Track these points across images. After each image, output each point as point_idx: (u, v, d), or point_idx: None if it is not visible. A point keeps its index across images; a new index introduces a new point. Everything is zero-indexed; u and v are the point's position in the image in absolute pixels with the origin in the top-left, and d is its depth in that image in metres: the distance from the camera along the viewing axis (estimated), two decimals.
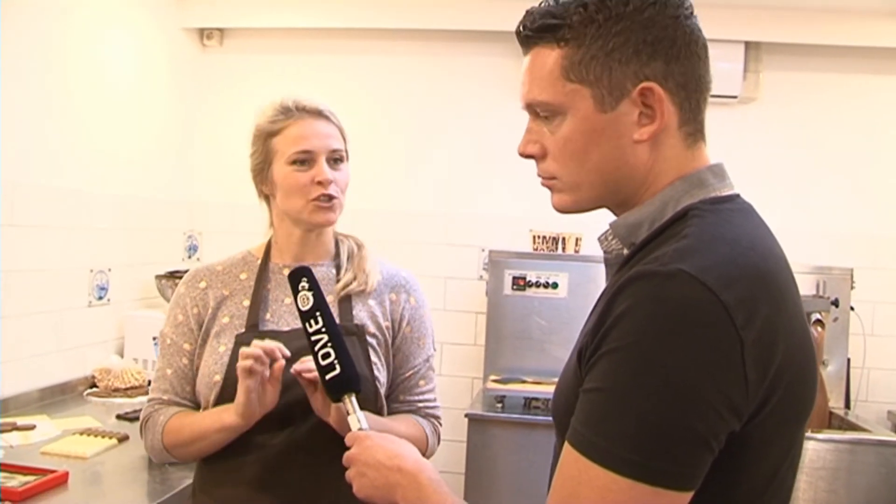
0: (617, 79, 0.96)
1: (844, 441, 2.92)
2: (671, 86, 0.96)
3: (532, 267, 3.51)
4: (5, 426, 2.50)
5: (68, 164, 3.08)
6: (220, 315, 1.64)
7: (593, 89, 0.97)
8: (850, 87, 3.68)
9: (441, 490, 1.09)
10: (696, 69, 0.98)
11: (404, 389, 1.71)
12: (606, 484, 0.82)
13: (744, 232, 0.94)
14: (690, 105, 0.98)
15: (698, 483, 0.84)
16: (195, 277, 1.69)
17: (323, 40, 3.94)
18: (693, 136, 0.99)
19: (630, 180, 0.99)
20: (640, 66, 0.95)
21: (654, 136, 0.96)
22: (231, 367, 1.55)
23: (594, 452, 0.83)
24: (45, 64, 2.94)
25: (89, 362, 3.20)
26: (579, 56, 0.97)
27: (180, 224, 3.95)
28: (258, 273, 1.67)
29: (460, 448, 3.24)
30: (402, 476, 1.12)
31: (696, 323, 0.82)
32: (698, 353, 0.81)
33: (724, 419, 0.82)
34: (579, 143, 0.99)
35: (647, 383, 0.81)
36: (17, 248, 2.82)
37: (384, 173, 3.92)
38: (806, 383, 0.93)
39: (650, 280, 0.85)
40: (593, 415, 0.85)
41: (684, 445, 0.81)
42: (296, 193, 1.60)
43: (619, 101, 0.96)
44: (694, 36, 0.98)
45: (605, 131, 0.97)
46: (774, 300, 0.88)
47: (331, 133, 1.63)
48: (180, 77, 3.90)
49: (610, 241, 1.04)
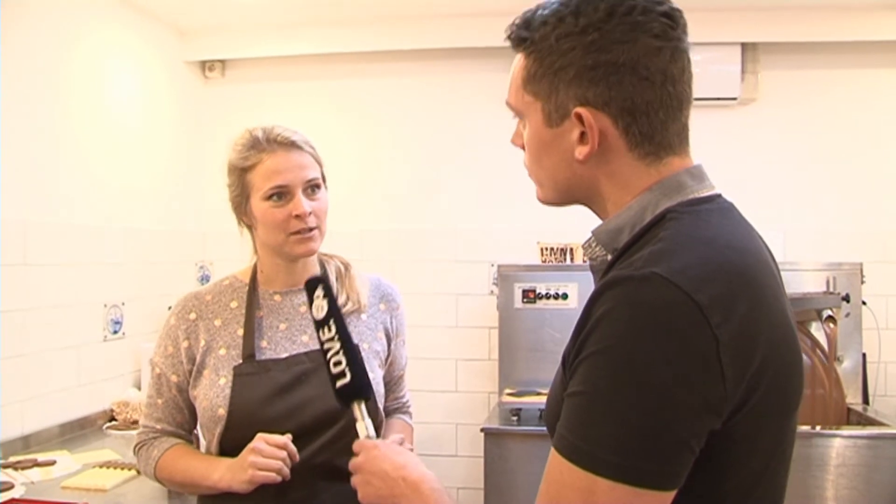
0: (561, 99, 0.97)
1: (864, 437, 2.90)
2: (614, 110, 0.96)
3: (541, 279, 3.51)
4: (26, 463, 2.53)
5: (77, 200, 3.12)
6: (214, 346, 1.63)
7: (543, 104, 1.00)
8: (850, 82, 3.69)
9: (442, 499, 1.12)
10: (647, 94, 0.95)
11: (393, 389, 1.81)
12: (588, 486, 0.83)
13: (721, 231, 0.94)
14: (640, 129, 0.96)
15: (680, 482, 0.84)
16: (185, 308, 1.67)
17: (324, 66, 3.98)
18: (655, 155, 0.98)
19: (586, 190, 1.02)
20: (581, 89, 0.96)
21: (588, 158, 0.97)
22: (234, 400, 1.57)
23: (576, 455, 0.85)
24: (50, 102, 2.99)
25: (107, 396, 3.23)
26: (534, 70, 0.99)
27: (191, 254, 3.98)
28: (247, 300, 1.66)
29: (478, 463, 3.24)
30: (406, 486, 1.15)
31: (669, 325, 0.83)
32: (673, 355, 0.82)
33: (701, 419, 0.83)
34: (534, 149, 1.04)
35: (624, 386, 0.83)
36: (32, 287, 2.86)
37: (391, 194, 3.95)
38: (791, 378, 0.93)
39: (625, 284, 0.86)
40: (575, 419, 0.86)
41: (663, 445, 0.82)
42: (275, 228, 1.60)
43: (563, 119, 0.98)
44: (646, 60, 0.95)
45: (551, 144, 1.01)
46: (753, 297, 0.88)
47: (304, 163, 1.60)
48: (184, 109, 3.95)
49: (594, 248, 1.05)
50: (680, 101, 0.98)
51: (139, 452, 1.67)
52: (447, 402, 3.89)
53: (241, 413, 1.56)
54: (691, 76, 1.00)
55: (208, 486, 1.54)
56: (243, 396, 1.57)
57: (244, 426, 1.55)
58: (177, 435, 1.67)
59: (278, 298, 1.67)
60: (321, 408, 1.55)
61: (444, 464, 3.83)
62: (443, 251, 3.91)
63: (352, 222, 3.85)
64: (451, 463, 3.84)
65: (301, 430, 1.55)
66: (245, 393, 1.57)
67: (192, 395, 1.63)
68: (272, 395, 1.57)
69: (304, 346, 1.63)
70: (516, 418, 3.21)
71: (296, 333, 1.65)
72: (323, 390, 1.53)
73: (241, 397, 1.57)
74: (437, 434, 3.86)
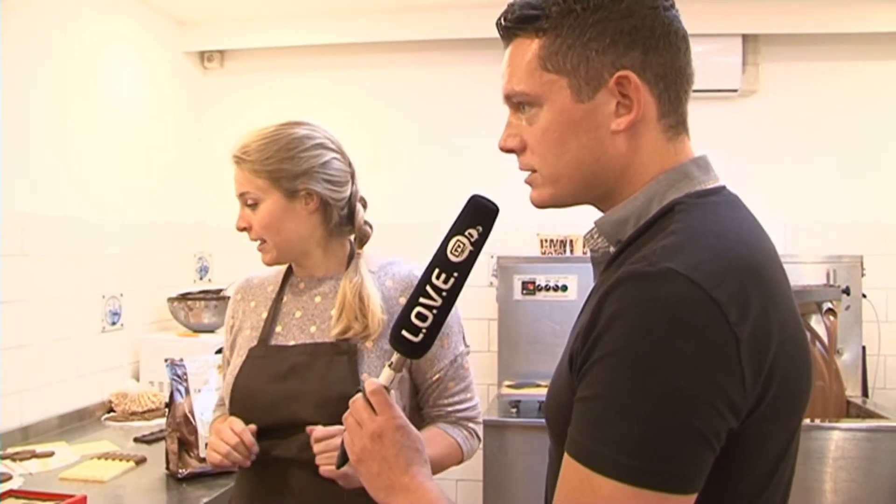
0: (594, 68, 0.94)
1: (863, 430, 2.90)
2: (649, 76, 0.95)
3: (541, 271, 3.51)
4: (24, 454, 2.52)
5: (76, 191, 3.11)
6: (244, 327, 1.72)
7: (570, 79, 0.96)
8: (851, 74, 3.67)
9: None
10: (676, 61, 0.96)
11: (435, 394, 1.65)
12: (611, 493, 0.80)
13: (731, 225, 0.92)
14: (670, 97, 0.96)
15: (701, 484, 0.82)
16: (237, 290, 1.79)
17: (323, 57, 3.97)
18: (674, 129, 0.98)
19: (609, 172, 0.97)
20: (617, 55, 0.94)
21: (631, 126, 0.95)
22: (237, 382, 1.63)
23: (596, 462, 0.81)
24: (49, 93, 2.98)
25: (106, 387, 3.23)
26: (556, 46, 0.96)
27: (190, 246, 3.98)
28: (281, 286, 1.73)
29: (477, 455, 3.23)
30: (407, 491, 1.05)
31: (689, 322, 0.80)
32: (694, 353, 0.79)
33: (723, 417, 0.81)
34: (557, 135, 0.97)
35: (644, 387, 0.80)
36: (31, 278, 2.85)
37: (389, 185, 3.93)
38: (800, 375, 0.91)
39: (640, 281, 0.83)
40: (591, 423, 0.83)
41: (686, 447, 0.80)
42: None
43: (597, 90, 0.95)
44: (673, 27, 0.96)
45: (582, 122, 0.96)
46: (766, 294, 0.86)
47: (241, 180, 1.65)
48: (183, 100, 3.94)
49: (596, 239, 1.03)
50: (691, 77, 0.99)
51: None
52: None
53: (240, 396, 1.61)
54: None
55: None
56: (245, 380, 1.62)
57: (242, 408, 1.60)
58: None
59: (302, 286, 1.71)
60: (310, 401, 1.54)
61: None
62: None
63: None
64: None
65: (287, 420, 1.55)
66: (247, 377, 1.62)
67: None
68: (268, 382, 1.59)
69: (311, 337, 1.63)
70: (516, 410, 3.21)
71: (307, 323, 1.65)
72: (312, 385, 1.55)
73: (243, 380, 1.62)
74: None
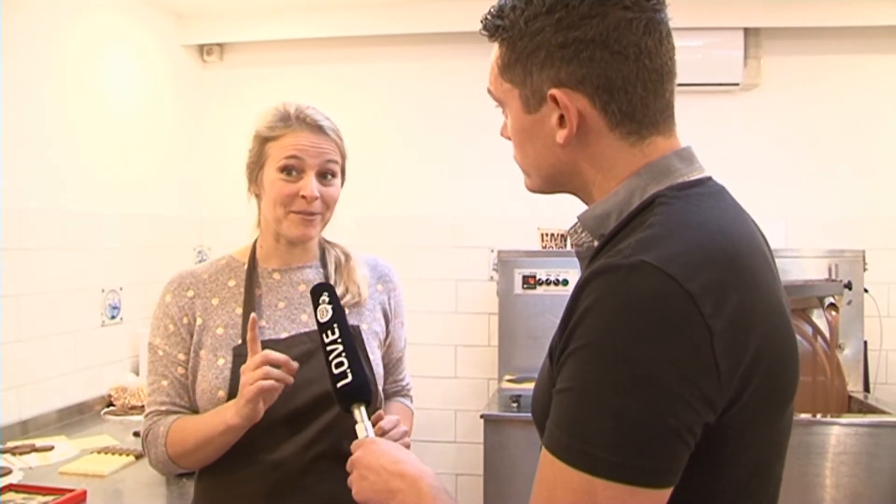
0: (536, 83, 0.96)
1: (865, 425, 2.89)
2: (589, 89, 0.93)
3: (541, 265, 3.50)
4: (24, 448, 2.52)
5: (74, 185, 3.10)
6: (211, 326, 1.60)
7: (520, 90, 0.98)
8: (853, 68, 3.65)
9: (441, 497, 1.07)
10: (622, 69, 0.92)
11: (392, 372, 1.79)
12: (582, 485, 0.80)
13: (712, 216, 0.91)
14: (619, 106, 0.93)
15: (676, 479, 0.82)
16: (181, 286, 1.65)
17: (321, 50, 3.95)
18: (637, 134, 0.95)
19: (571, 176, 1.00)
20: (554, 70, 0.94)
21: (568, 141, 0.95)
22: (234, 382, 1.52)
23: (567, 454, 0.82)
24: (47, 88, 2.97)
25: (105, 381, 3.23)
26: (507, 58, 0.98)
27: (189, 239, 3.97)
28: (247, 279, 1.64)
29: (476, 450, 3.24)
30: (403, 481, 1.10)
31: (661, 315, 0.80)
32: (665, 346, 0.79)
33: (696, 411, 0.80)
34: (518, 138, 1.02)
35: (616, 380, 0.80)
36: (30, 272, 2.84)
37: (389, 179, 3.93)
38: (786, 367, 0.90)
39: (613, 273, 0.83)
40: (565, 415, 0.83)
41: (658, 441, 0.79)
42: (278, 202, 1.58)
43: (541, 104, 0.96)
44: (617, 33, 0.91)
45: (532, 130, 0.99)
46: (746, 284, 0.85)
47: (327, 148, 1.60)
48: (183, 94, 3.93)
49: (580, 233, 1.03)
50: (661, 75, 0.95)
51: (147, 440, 1.60)
52: (446, 388, 3.88)
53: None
54: (672, 49, 0.96)
55: (224, 431, 1.47)
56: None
57: None
58: (183, 413, 1.61)
59: (277, 277, 1.66)
60: (319, 390, 1.53)
61: (443, 450, 3.83)
62: (442, 237, 3.89)
63: (350, 208, 3.79)
64: (450, 449, 3.84)
65: (299, 412, 1.53)
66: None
67: (192, 376, 1.60)
68: None
69: (304, 326, 1.61)
70: (516, 405, 3.20)
71: (295, 312, 1.63)
72: (322, 372, 1.51)
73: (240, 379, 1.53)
74: (436, 420, 3.85)
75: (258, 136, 1.63)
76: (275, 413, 1.50)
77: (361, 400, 1.30)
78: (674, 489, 0.82)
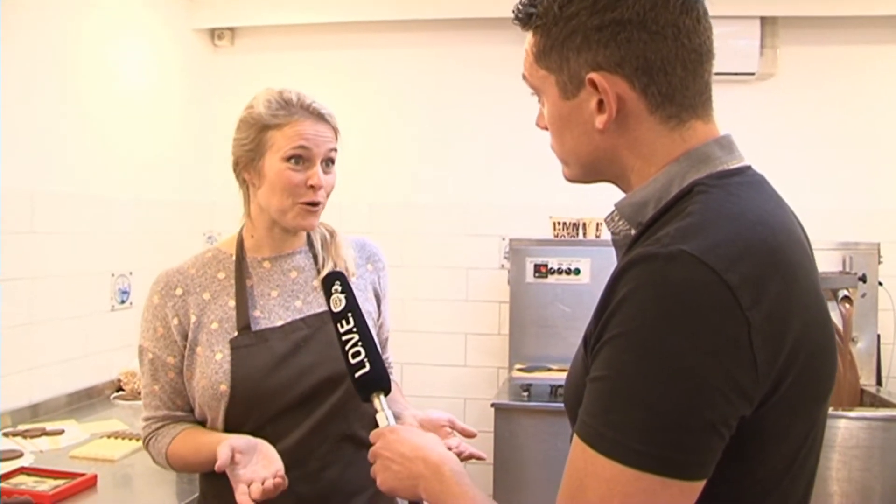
0: (573, 68, 0.94)
1: (877, 418, 2.88)
2: (628, 72, 0.92)
3: (553, 254, 3.48)
4: (34, 431, 2.52)
5: (86, 169, 3.09)
6: (205, 321, 1.57)
7: (557, 76, 0.96)
8: (871, 58, 3.61)
9: (463, 482, 1.06)
10: (661, 49, 0.91)
11: (383, 351, 1.77)
12: (614, 475, 0.79)
13: (752, 206, 0.89)
14: (659, 88, 0.92)
15: (709, 471, 0.80)
16: (168, 285, 1.60)
17: (334, 35, 3.93)
18: (677, 118, 0.94)
19: (608, 163, 0.98)
20: (591, 54, 0.92)
21: (607, 126, 0.94)
22: (235, 375, 1.52)
23: (600, 443, 0.81)
24: (59, 72, 2.95)
25: (115, 366, 3.22)
26: (542, 44, 0.97)
27: (199, 225, 3.96)
28: (236, 270, 1.61)
29: (487, 438, 3.23)
30: (426, 468, 1.10)
31: (699, 306, 0.78)
32: (703, 338, 0.78)
33: (732, 404, 0.79)
34: (555, 126, 1.00)
35: (651, 370, 0.78)
36: (40, 256, 2.84)
37: (401, 166, 3.91)
38: (825, 361, 0.89)
39: (651, 262, 0.81)
40: (598, 405, 0.82)
41: (693, 433, 0.78)
42: (285, 192, 1.55)
43: (579, 89, 0.95)
44: (654, 13, 0.90)
45: (570, 117, 0.97)
46: (785, 276, 0.84)
47: (329, 137, 1.59)
48: (193, 78, 3.91)
49: (616, 221, 1.01)
50: (699, 55, 0.93)
51: (149, 447, 1.61)
52: (455, 376, 3.87)
53: (243, 387, 1.52)
54: (710, 28, 0.95)
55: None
56: (244, 370, 1.52)
57: (248, 400, 1.51)
58: (179, 420, 1.60)
59: (268, 265, 1.63)
60: (322, 373, 1.53)
61: None
62: (453, 224, 3.88)
63: (362, 195, 3.82)
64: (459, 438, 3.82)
65: (304, 397, 1.53)
66: (245, 366, 1.53)
67: (185, 375, 1.58)
68: (273, 365, 1.53)
69: (299, 312, 1.60)
70: (527, 394, 3.19)
71: (288, 299, 1.61)
72: (323, 356, 1.54)
73: (242, 371, 1.52)
74: (445, 408, 3.78)
75: (256, 122, 1.58)
76: (280, 400, 1.51)
77: (380, 388, 1.29)
78: (708, 482, 0.81)
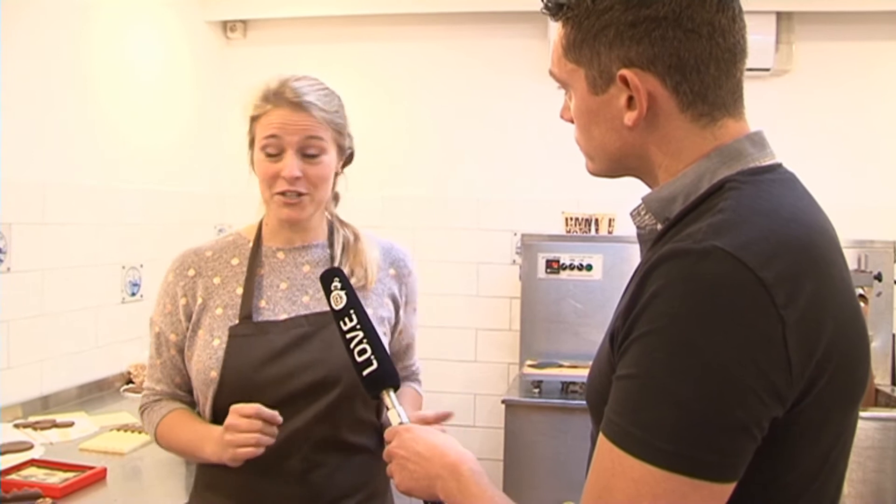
0: (604, 63, 0.93)
1: (892, 419, 2.85)
2: (660, 69, 0.90)
3: (565, 249, 3.46)
4: (45, 423, 2.52)
5: (97, 161, 3.09)
6: (211, 305, 1.57)
7: (586, 70, 0.95)
8: (887, 53, 3.58)
9: (481, 482, 1.05)
10: (695, 47, 0.89)
11: (402, 358, 1.74)
12: (642, 476, 0.77)
13: (784, 203, 0.88)
14: (691, 87, 0.91)
15: (740, 473, 0.79)
16: (183, 265, 1.62)
17: (347, 27, 3.91)
18: (709, 116, 0.92)
19: (637, 159, 0.97)
20: (623, 50, 0.91)
21: (637, 123, 0.92)
22: (226, 363, 1.51)
23: (628, 443, 0.79)
24: (71, 64, 2.95)
25: (125, 358, 3.22)
26: (573, 38, 0.96)
27: (210, 217, 3.95)
28: (250, 257, 1.61)
29: (496, 434, 3.22)
30: (443, 467, 1.08)
31: (732, 303, 0.76)
32: (736, 336, 0.76)
33: (765, 404, 0.77)
34: (582, 120, 0.99)
35: (683, 368, 0.76)
36: (51, 247, 2.84)
37: (414, 160, 3.89)
38: (858, 362, 0.87)
39: (683, 258, 0.80)
40: (627, 403, 0.81)
41: (724, 434, 0.76)
42: (263, 183, 1.56)
43: (609, 84, 0.93)
44: (690, 11, 0.89)
45: (599, 112, 0.96)
46: (820, 275, 0.82)
47: (307, 125, 1.53)
48: (205, 70, 3.90)
49: (643, 216, 0.99)
50: (733, 55, 0.92)
51: (143, 416, 1.64)
52: (466, 372, 3.86)
53: (232, 377, 1.50)
54: (744, 27, 0.93)
55: (203, 459, 1.50)
56: (236, 360, 1.51)
57: (236, 390, 1.49)
58: (176, 397, 1.62)
59: (281, 256, 1.61)
60: (315, 375, 1.50)
61: (461, 434, 3.80)
62: (465, 219, 3.86)
63: (374, 188, 3.81)
64: (468, 433, 3.82)
65: (292, 396, 1.50)
66: (238, 356, 1.51)
67: (186, 355, 1.58)
68: (266, 359, 1.51)
69: (305, 308, 1.57)
70: (538, 390, 3.18)
71: (296, 293, 1.59)
72: (319, 356, 1.51)
73: (234, 360, 1.51)
74: (455, 404, 3.83)
75: (248, 115, 1.60)
76: (268, 395, 1.47)
77: (390, 385, 1.27)
78: (738, 483, 0.79)
